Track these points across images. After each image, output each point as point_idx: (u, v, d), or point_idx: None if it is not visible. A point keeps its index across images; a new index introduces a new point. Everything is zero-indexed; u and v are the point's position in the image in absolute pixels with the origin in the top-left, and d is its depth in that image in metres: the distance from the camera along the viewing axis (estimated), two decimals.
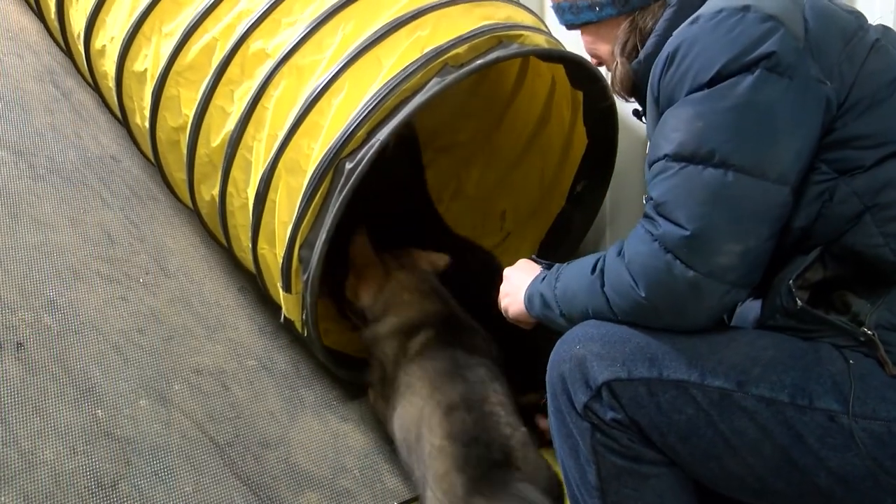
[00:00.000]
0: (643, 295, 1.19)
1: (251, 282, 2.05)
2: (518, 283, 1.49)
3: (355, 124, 1.59)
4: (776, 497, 1.20)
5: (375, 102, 1.59)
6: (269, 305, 2.01)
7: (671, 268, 1.16)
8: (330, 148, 1.61)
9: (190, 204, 2.02)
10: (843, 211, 1.15)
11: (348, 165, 1.60)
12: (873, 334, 1.12)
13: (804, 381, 1.14)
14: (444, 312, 1.82)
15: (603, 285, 1.26)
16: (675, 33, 1.23)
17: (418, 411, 1.59)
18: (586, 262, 1.32)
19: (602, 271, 1.26)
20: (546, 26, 1.95)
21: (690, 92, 1.17)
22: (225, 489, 1.54)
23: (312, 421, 1.80)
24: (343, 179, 1.61)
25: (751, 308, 1.42)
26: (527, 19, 1.86)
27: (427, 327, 1.76)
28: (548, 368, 1.31)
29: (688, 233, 1.14)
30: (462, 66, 1.64)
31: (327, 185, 1.62)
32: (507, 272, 1.55)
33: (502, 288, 1.54)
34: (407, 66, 1.61)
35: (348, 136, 1.59)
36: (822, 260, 1.17)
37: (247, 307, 1.99)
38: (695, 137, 1.16)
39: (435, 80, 1.62)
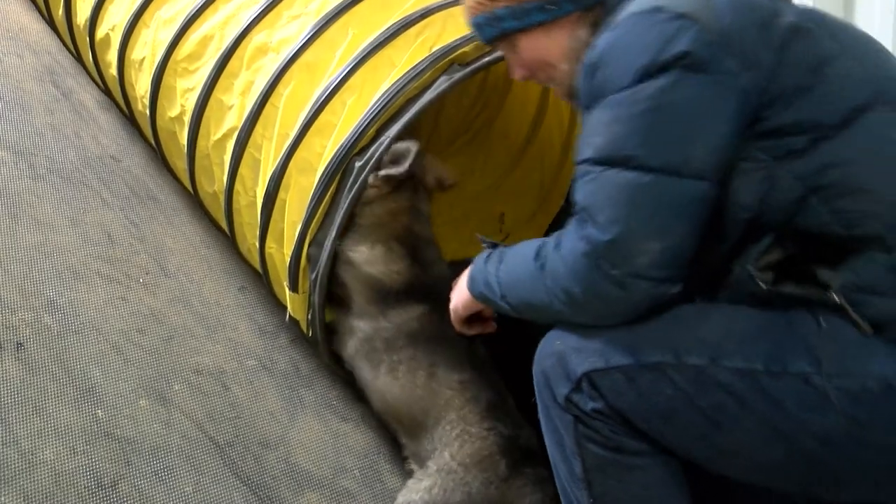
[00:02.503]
0: (576, 290, 1.21)
1: (251, 282, 2.05)
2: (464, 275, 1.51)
3: (366, 123, 1.60)
4: (772, 472, 1.20)
5: (385, 101, 1.61)
6: (269, 305, 2.01)
7: (599, 266, 1.18)
8: (341, 147, 1.62)
9: (192, 191, 2.03)
10: (788, 196, 1.15)
11: (358, 163, 1.62)
12: (840, 299, 1.12)
13: (777, 348, 1.14)
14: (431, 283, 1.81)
15: (543, 274, 1.27)
16: (596, 42, 1.23)
17: (443, 400, 1.64)
18: (529, 247, 1.33)
19: (544, 262, 1.28)
20: None
21: (612, 94, 1.18)
22: (225, 489, 1.53)
23: (312, 421, 1.80)
24: (353, 177, 1.62)
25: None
26: None
27: (418, 303, 1.75)
28: (533, 369, 1.32)
29: (608, 237, 1.16)
30: (469, 64, 1.65)
31: (337, 183, 1.64)
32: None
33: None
34: (416, 65, 1.63)
35: (359, 134, 1.61)
36: (779, 242, 1.17)
37: (247, 307, 1.99)
38: (612, 141, 1.17)
39: (443, 78, 1.63)
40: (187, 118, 1.86)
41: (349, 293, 1.77)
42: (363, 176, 1.61)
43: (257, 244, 1.81)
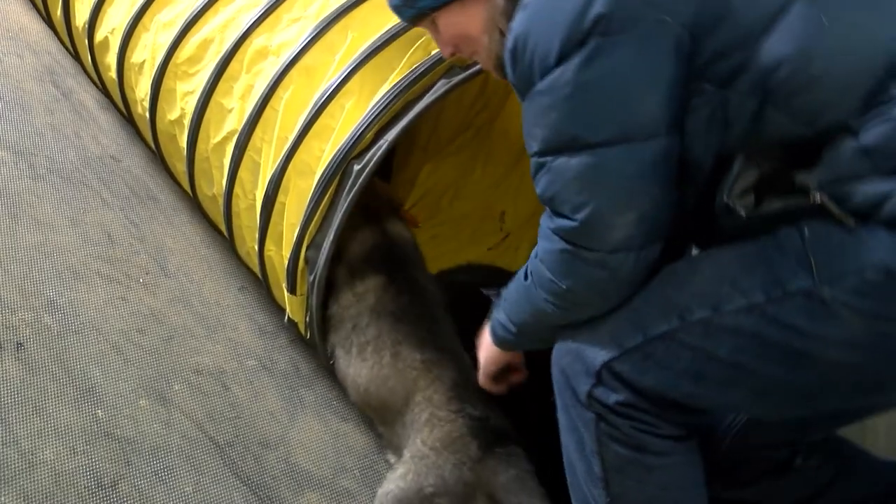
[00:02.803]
0: (565, 287, 1.21)
1: (251, 282, 2.05)
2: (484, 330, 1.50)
3: (364, 126, 1.60)
4: (815, 398, 1.17)
5: (384, 104, 1.60)
6: (269, 305, 2.01)
7: (577, 254, 1.18)
8: (339, 150, 1.62)
9: (191, 194, 2.03)
10: (744, 114, 1.13)
11: (356, 167, 1.62)
12: (823, 198, 1.09)
13: (771, 273, 1.13)
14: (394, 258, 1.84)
15: (535, 287, 1.27)
16: (511, 25, 1.20)
17: (408, 381, 1.65)
18: (521, 271, 1.33)
19: (529, 275, 1.29)
20: None
21: (538, 83, 1.15)
22: (225, 489, 1.53)
23: (312, 421, 1.80)
24: (351, 181, 1.62)
25: None
26: None
27: (375, 273, 1.77)
28: (551, 369, 1.32)
29: (576, 223, 1.16)
30: (468, 66, 1.65)
31: (335, 186, 1.64)
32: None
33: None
34: (415, 68, 1.62)
35: (357, 138, 1.61)
36: (750, 163, 1.15)
37: (247, 307, 1.99)
38: (553, 129, 1.15)
39: (442, 81, 1.63)
40: (187, 121, 1.86)
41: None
42: (361, 179, 1.60)
43: (256, 247, 1.81)
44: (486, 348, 1.52)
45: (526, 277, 1.30)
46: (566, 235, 1.18)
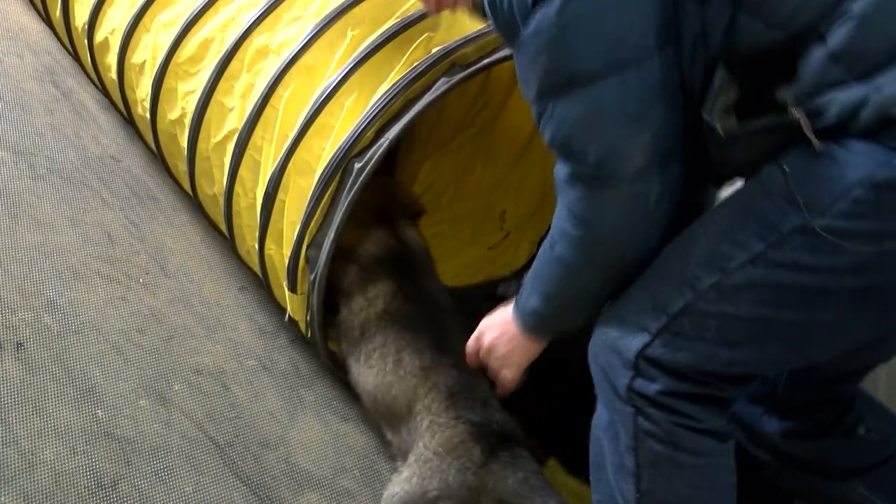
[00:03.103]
0: (593, 235, 1.20)
1: (251, 282, 2.05)
2: (499, 327, 1.48)
3: (364, 124, 1.60)
4: (846, 334, 1.17)
5: (384, 103, 1.60)
6: (269, 305, 2.01)
7: (599, 195, 1.16)
8: (339, 148, 1.61)
9: (191, 194, 2.03)
10: (719, 25, 1.11)
11: (357, 165, 1.61)
12: (799, 113, 1.07)
13: (762, 218, 1.12)
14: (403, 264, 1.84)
15: (563, 248, 1.25)
16: None
17: (409, 388, 1.64)
18: (545, 244, 1.32)
19: (555, 240, 1.27)
20: None
21: (522, 29, 1.14)
22: (225, 489, 1.54)
23: (312, 421, 1.80)
24: (352, 179, 1.62)
25: None
26: None
27: (386, 278, 1.78)
28: (590, 368, 1.31)
29: (592, 162, 1.14)
30: (469, 65, 1.65)
31: (336, 184, 1.63)
32: (479, 331, 1.53)
33: (484, 348, 1.52)
34: (415, 66, 1.62)
35: (357, 136, 1.60)
36: (733, 78, 1.13)
37: (247, 307, 1.99)
38: (547, 71, 1.14)
39: (443, 79, 1.63)
40: (188, 120, 1.86)
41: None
42: (362, 177, 1.60)
43: (256, 246, 1.81)
44: (515, 347, 1.47)
45: (552, 247, 1.28)
46: (584, 178, 1.16)
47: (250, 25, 1.75)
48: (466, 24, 1.70)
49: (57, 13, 2.28)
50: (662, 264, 1.23)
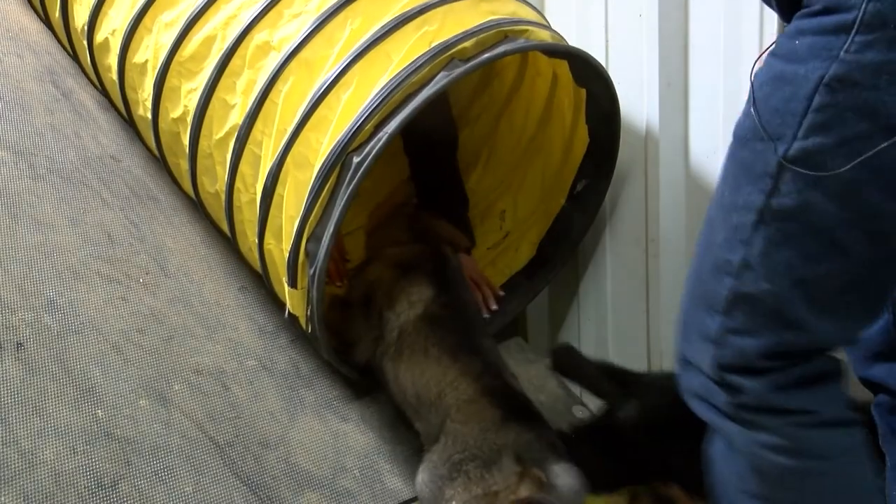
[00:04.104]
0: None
1: (251, 282, 2.05)
2: None
3: (363, 118, 1.60)
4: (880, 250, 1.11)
5: (383, 96, 1.60)
6: (269, 305, 2.01)
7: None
8: (338, 142, 1.61)
9: (192, 194, 2.03)
10: None
11: (356, 159, 1.61)
12: None
13: (751, 171, 1.10)
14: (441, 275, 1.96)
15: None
16: None
17: (439, 373, 1.75)
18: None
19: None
20: (548, 22, 1.95)
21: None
22: (225, 489, 1.54)
23: (312, 421, 1.80)
24: (350, 173, 1.61)
25: None
26: (530, 15, 1.87)
27: (427, 286, 1.90)
28: (686, 402, 1.28)
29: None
30: (469, 60, 1.65)
31: (335, 178, 1.63)
32: None
33: None
34: (415, 60, 1.62)
35: (356, 129, 1.60)
36: None
37: (247, 307, 1.99)
38: None
39: (442, 73, 1.62)
40: (190, 118, 1.86)
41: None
42: (361, 171, 1.60)
43: (256, 240, 1.81)
44: None
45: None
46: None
47: (251, 22, 1.75)
48: (466, 19, 1.70)
49: (56, 14, 2.28)
50: (696, 266, 1.21)
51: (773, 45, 1.11)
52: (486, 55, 1.67)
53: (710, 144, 2.05)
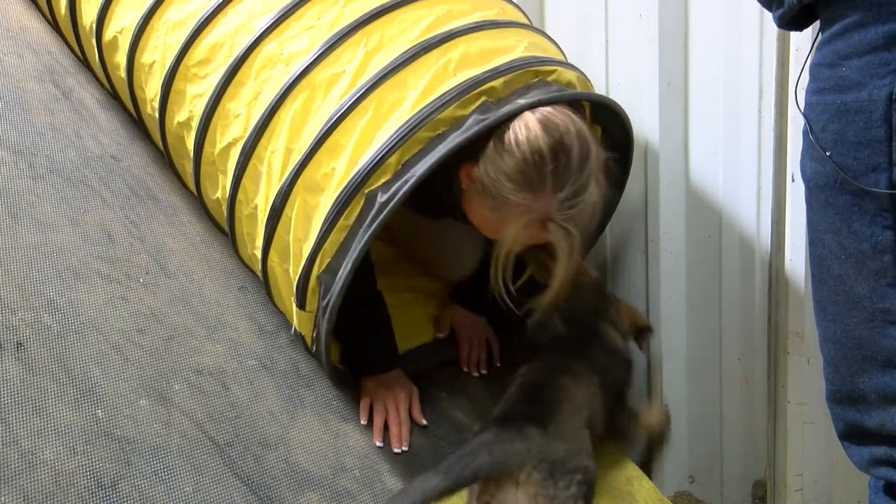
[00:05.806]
0: None
1: (251, 282, 2.05)
2: None
3: (385, 150, 1.55)
4: None
5: (408, 130, 1.54)
6: (269, 305, 2.01)
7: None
8: (357, 172, 1.56)
9: (195, 194, 2.03)
10: None
11: (381, 198, 1.55)
12: None
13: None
14: None
15: None
16: None
17: None
18: None
19: None
20: (564, 54, 1.92)
21: None
22: (225, 489, 1.54)
23: (312, 421, 1.80)
24: (375, 211, 1.55)
25: None
26: (550, 48, 1.84)
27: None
28: (872, 477, 1.24)
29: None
30: (500, 100, 1.59)
31: (356, 212, 1.58)
32: None
33: None
34: (442, 95, 1.57)
35: (377, 161, 1.55)
36: None
37: (247, 307, 1.99)
38: None
39: (475, 117, 1.56)
40: (195, 124, 1.86)
41: None
42: (386, 212, 1.54)
43: (259, 254, 1.81)
44: None
45: None
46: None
47: (262, 32, 1.72)
48: (487, 52, 1.66)
49: (62, 11, 2.28)
50: (842, 328, 1.18)
51: (813, 81, 1.10)
52: (522, 101, 1.58)
53: (710, 144, 2.05)
